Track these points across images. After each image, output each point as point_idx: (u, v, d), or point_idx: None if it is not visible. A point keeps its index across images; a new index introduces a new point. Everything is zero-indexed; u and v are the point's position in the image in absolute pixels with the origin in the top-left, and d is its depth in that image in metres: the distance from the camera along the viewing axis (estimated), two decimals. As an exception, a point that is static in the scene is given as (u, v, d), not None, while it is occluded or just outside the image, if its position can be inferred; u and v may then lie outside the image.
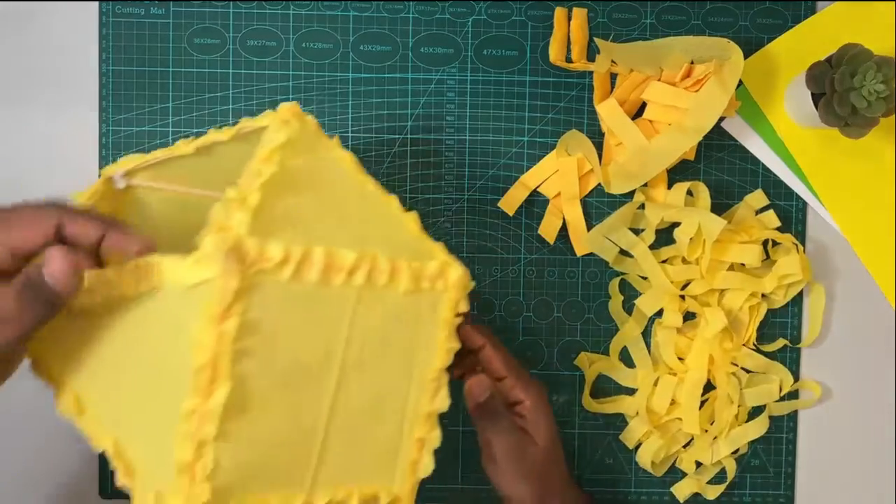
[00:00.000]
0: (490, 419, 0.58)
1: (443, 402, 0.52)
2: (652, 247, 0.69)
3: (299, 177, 0.48)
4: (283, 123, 0.49)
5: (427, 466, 0.52)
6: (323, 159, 0.51)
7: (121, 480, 0.47)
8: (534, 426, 0.59)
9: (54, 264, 0.45)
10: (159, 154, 0.56)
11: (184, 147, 0.55)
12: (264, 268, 0.43)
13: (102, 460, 0.69)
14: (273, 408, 0.45)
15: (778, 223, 0.70)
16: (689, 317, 0.70)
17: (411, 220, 0.54)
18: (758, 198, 0.70)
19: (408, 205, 0.66)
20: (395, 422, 0.51)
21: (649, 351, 0.70)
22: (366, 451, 0.50)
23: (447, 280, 0.51)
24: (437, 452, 0.53)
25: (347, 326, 0.47)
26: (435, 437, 0.53)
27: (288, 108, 0.50)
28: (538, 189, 0.69)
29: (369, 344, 0.48)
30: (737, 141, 0.70)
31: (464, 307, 0.53)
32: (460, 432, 0.70)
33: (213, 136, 0.54)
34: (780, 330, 0.71)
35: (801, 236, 0.71)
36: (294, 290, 0.45)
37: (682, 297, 0.69)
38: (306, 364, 0.46)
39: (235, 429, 0.43)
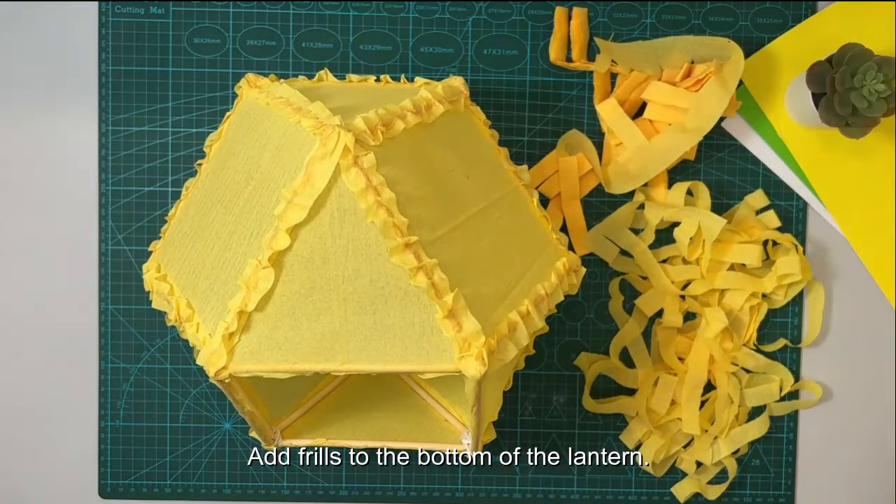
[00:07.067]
0: None
1: (541, 321, 0.55)
2: (652, 247, 0.69)
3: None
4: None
5: (509, 348, 0.52)
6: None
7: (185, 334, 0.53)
8: None
9: None
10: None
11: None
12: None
13: (102, 460, 0.69)
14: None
15: (778, 223, 0.70)
16: (689, 317, 0.70)
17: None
18: (758, 198, 0.70)
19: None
20: (500, 286, 0.54)
21: (649, 351, 0.70)
22: (472, 281, 0.52)
23: (564, 246, 0.61)
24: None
25: (498, 192, 0.58)
26: (524, 338, 0.53)
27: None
28: (538, 189, 0.69)
29: (506, 220, 0.57)
30: (737, 141, 0.70)
31: (570, 290, 0.59)
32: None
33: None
34: (781, 330, 0.71)
35: (801, 236, 0.71)
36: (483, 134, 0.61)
37: (683, 297, 0.69)
38: (460, 186, 0.55)
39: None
